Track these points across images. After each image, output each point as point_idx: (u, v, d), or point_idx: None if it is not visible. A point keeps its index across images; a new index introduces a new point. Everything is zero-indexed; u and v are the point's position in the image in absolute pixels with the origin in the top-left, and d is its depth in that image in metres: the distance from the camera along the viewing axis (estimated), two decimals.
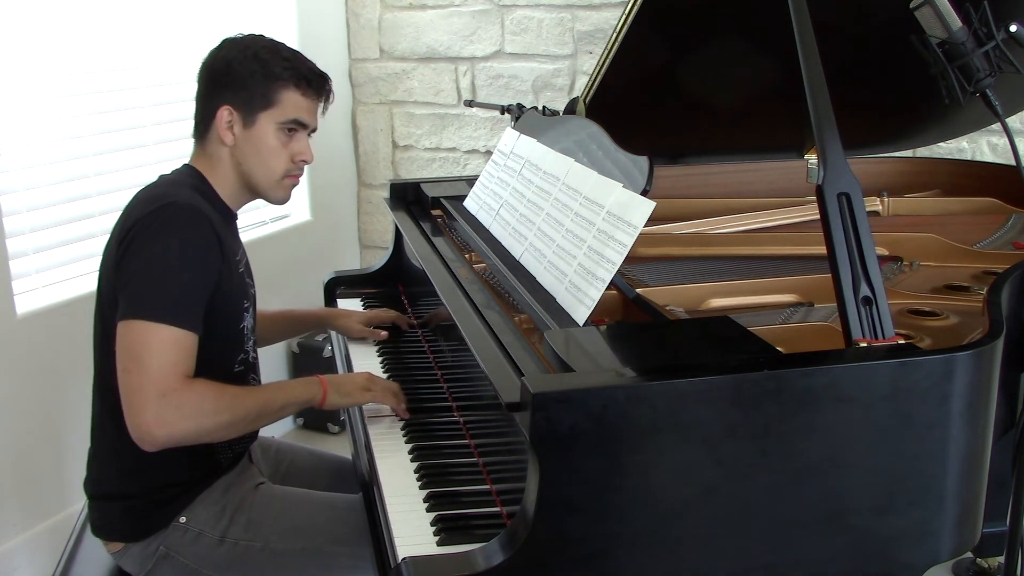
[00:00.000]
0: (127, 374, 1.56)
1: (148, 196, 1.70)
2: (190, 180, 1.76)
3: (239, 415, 1.62)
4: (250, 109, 1.73)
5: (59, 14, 2.76)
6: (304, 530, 1.73)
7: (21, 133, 2.66)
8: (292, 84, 1.73)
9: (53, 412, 2.66)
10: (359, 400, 1.77)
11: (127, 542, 1.74)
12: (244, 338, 1.80)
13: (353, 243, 4.12)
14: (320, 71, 1.79)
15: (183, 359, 1.58)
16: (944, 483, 1.26)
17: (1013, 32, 1.40)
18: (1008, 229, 2.16)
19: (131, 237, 1.62)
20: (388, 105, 3.94)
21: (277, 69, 1.72)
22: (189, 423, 1.55)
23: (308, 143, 1.81)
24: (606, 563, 1.20)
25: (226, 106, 1.72)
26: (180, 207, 1.64)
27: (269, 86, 1.72)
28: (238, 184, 1.79)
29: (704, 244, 2.09)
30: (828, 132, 1.36)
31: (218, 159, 1.77)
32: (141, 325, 1.56)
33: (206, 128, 1.76)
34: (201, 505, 1.74)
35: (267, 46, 1.76)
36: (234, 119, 1.73)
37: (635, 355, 1.34)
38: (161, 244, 1.61)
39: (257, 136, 1.74)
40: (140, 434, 1.54)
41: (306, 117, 1.77)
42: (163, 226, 1.62)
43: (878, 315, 1.31)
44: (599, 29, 3.43)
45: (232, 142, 1.74)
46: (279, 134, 1.75)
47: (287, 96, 1.73)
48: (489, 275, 1.88)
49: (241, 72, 1.72)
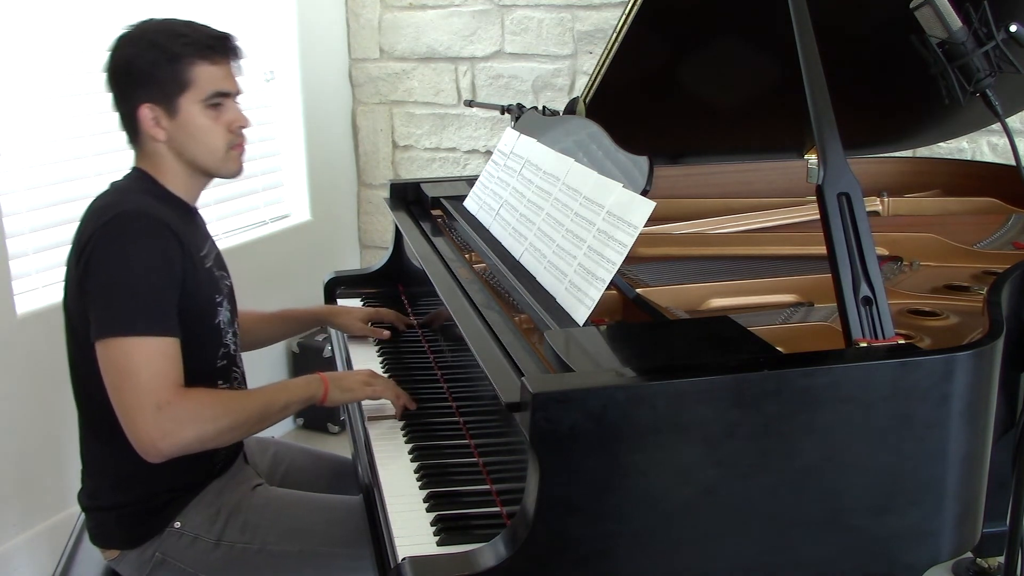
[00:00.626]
0: (119, 392, 1.55)
1: (99, 208, 1.68)
2: (139, 184, 1.73)
3: (240, 419, 1.61)
4: (168, 98, 1.68)
5: (59, 14, 2.76)
6: (301, 532, 1.72)
7: (21, 133, 2.66)
8: (198, 58, 1.67)
9: (53, 412, 2.65)
10: (361, 394, 1.76)
11: (123, 549, 1.73)
12: (221, 332, 1.77)
13: (353, 243, 4.12)
14: (220, 33, 1.73)
15: (172, 367, 1.57)
16: (944, 483, 1.26)
17: (1013, 32, 1.40)
18: (1008, 229, 2.16)
19: (88, 253, 1.60)
20: (388, 105, 3.94)
21: (177, 48, 1.66)
22: (189, 432, 1.54)
23: (238, 108, 1.76)
24: (606, 563, 1.20)
25: (144, 104, 1.68)
26: (131, 215, 1.61)
27: (177, 69, 1.66)
28: (187, 173, 1.75)
29: (704, 244, 2.09)
30: (828, 132, 1.36)
31: (159, 156, 1.73)
32: (121, 342, 1.55)
33: (135, 132, 1.72)
34: (195, 509, 1.73)
35: (159, 29, 1.69)
36: (157, 114, 1.68)
37: (635, 355, 1.34)
38: (120, 256, 1.58)
39: (186, 121, 1.69)
40: (144, 448, 1.54)
41: (225, 85, 1.72)
42: (118, 237, 1.59)
43: (878, 315, 1.31)
44: (599, 29, 3.44)
45: (164, 137, 1.70)
46: (206, 112, 1.70)
47: (199, 71, 1.68)
48: (489, 275, 1.88)
49: (143, 66, 1.66)
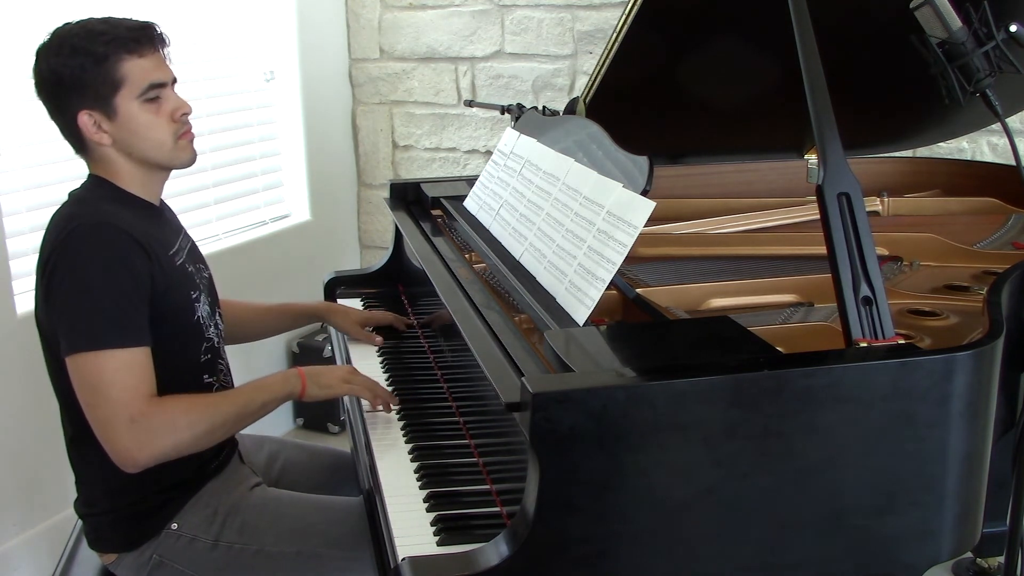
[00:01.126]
0: (92, 409, 1.56)
1: (57, 221, 1.66)
2: (97, 192, 1.71)
3: (216, 422, 1.61)
4: (104, 101, 1.64)
5: (59, 14, 2.75)
6: (299, 533, 1.72)
7: (21, 133, 2.66)
8: (124, 53, 1.63)
9: (53, 412, 2.64)
10: (338, 391, 1.75)
11: (120, 552, 1.73)
12: (203, 327, 1.76)
13: (353, 243, 4.12)
14: (140, 23, 1.69)
15: (142, 378, 1.57)
16: (944, 483, 1.26)
17: (1013, 32, 1.40)
18: (1008, 229, 2.16)
19: (50, 269, 1.59)
20: (388, 105, 3.94)
21: (101, 48, 1.62)
22: (166, 441, 1.56)
23: (177, 96, 1.72)
24: (606, 563, 1.20)
25: (81, 112, 1.65)
26: (87, 226, 1.60)
27: (105, 69, 1.63)
28: (142, 171, 1.72)
29: (704, 244, 2.09)
30: (828, 132, 1.36)
31: (110, 160, 1.70)
32: (89, 357, 1.54)
33: (79, 140, 1.70)
34: (192, 510, 1.73)
35: (77, 33, 1.65)
36: (96, 118, 1.65)
37: (635, 355, 1.34)
38: (80, 270, 1.57)
39: (126, 120, 1.66)
40: (122, 461, 1.56)
41: (157, 76, 1.67)
42: (77, 251, 1.58)
43: (878, 315, 1.31)
44: (599, 29, 3.43)
45: (109, 140, 1.67)
46: (145, 106, 1.66)
47: (127, 67, 1.64)
48: (489, 275, 1.88)
49: (70, 73, 1.63)
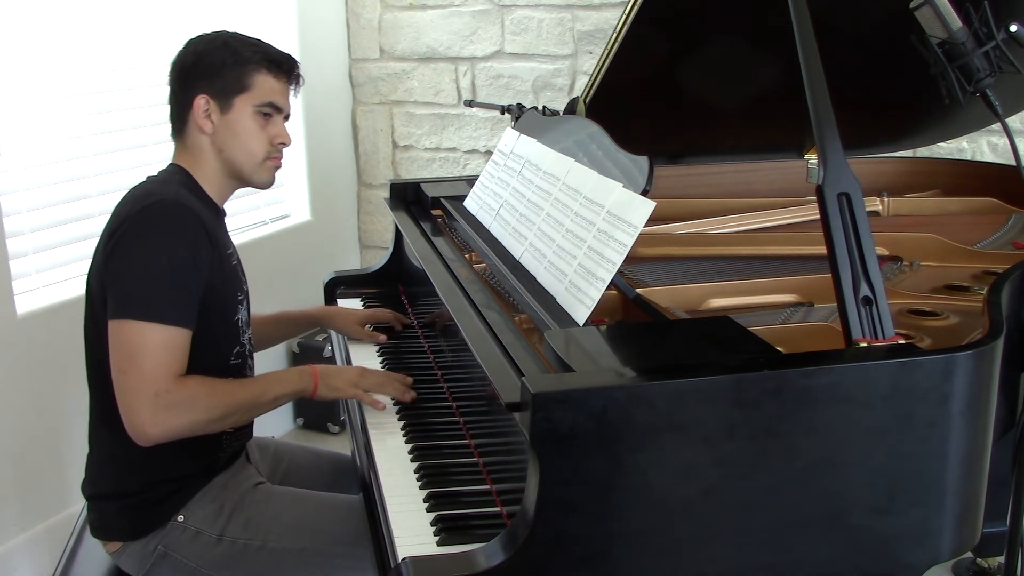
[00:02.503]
0: (122, 375, 1.59)
1: (136, 195, 1.73)
2: (177, 178, 1.78)
3: (231, 409, 1.66)
4: (225, 95, 1.75)
5: (59, 14, 2.76)
6: (303, 530, 1.73)
7: (21, 133, 2.66)
8: (264, 67, 1.77)
9: (53, 412, 2.66)
10: (345, 395, 1.79)
11: (125, 541, 1.74)
12: (240, 331, 1.81)
13: (353, 243, 4.12)
14: (288, 54, 1.83)
15: (176, 358, 1.61)
16: (944, 483, 1.26)
17: (1013, 32, 1.40)
18: (1008, 229, 2.16)
19: (120, 235, 1.64)
20: (388, 105, 3.94)
21: (247, 53, 1.76)
22: (183, 419, 1.59)
23: (284, 126, 1.84)
24: (606, 563, 1.20)
25: (202, 95, 1.75)
26: (167, 203, 1.66)
27: (241, 70, 1.75)
28: (222, 172, 1.80)
29: (704, 244, 2.09)
30: (828, 132, 1.36)
31: (199, 150, 1.79)
32: (134, 325, 1.58)
33: (183, 122, 1.79)
34: (199, 504, 1.74)
35: (234, 35, 1.79)
36: (211, 107, 1.75)
37: (635, 355, 1.34)
38: (150, 241, 1.63)
39: (235, 120, 1.76)
40: (135, 432, 1.59)
41: (280, 100, 1.80)
42: (151, 223, 1.64)
43: (878, 315, 1.31)
44: (599, 29, 3.43)
45: (211, 130, 1.76)
46: (256, 117, 1.77)
47: (260, 79, 1.77)
48: (489, 275, 1.87)
49: (212, 61, 1.75)
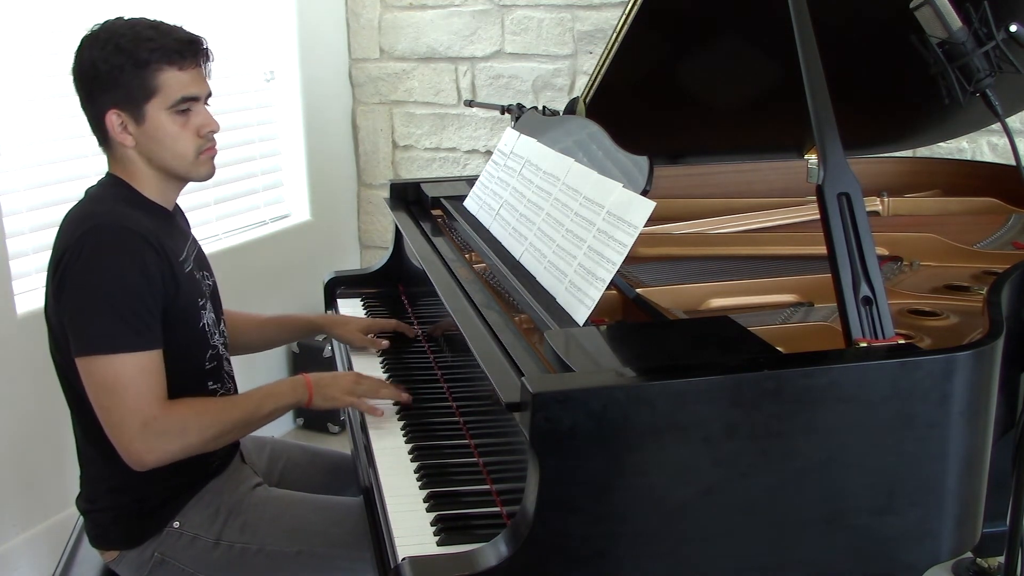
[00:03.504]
0: (106, 412, 1.57)
1: (72, 219, 1.66)
2: (113, 191, 1.70)
3: (225, 428, 1.64)
4: (135, 105, 1.64)
5: (58, 14, 2.75)
6: (300, 533, 1.72)
7: (21, 133, 2.66)
8: (165, 63, 1.63)
9: (53, 412, 2.64)
10: (342, 404, 1.76)
11: (122, 550, 1.73)
12: (207, 335, 1.77)
13: (353, 243, 4.12)
14: (189, 36, 1.68)
15: (155, 381, 1.58)
16: (944, 483, 1.26)
17: (1013, 32, 1.40)
18: (1008, 229, 2.16)
19: (64, 267, 1.58)
20: (388, 105, 3.94)
21: (144, 54, 1.61)
22: (175, 444, 1.58)
23: (207, 112, 1.71)
24: (606, 563, 1.20)
25: (111, 110, 1.64)
26: (104, 228, 1.59)
27: (143, 75, 1.62)
28: (159, 178, 1.71)
29: (704, 244, 2.09)
30: (828, 132, 1.36)
31: (129, 161, 1.70)
32: (103, 360, 1.55)
33: (103, 136, 1.69)
34: (194, 509, 1.73)
35: (125, 33, 1.63)
36: (124, 119, 1.65)
37: (635, 355, 1.34)
38: (96, 271, 1.57)
39: (153, 128, 1.65)
40: (132, 462, 1.58)
41: (193, 90, 1.67)
42: (93, 252, 1.57)
43: (878, 315, 1.31)
44: (599, 29, 3.43)
45: (132, 143, 1.67)
46: (174, 118, 1.66)
47: (165, 78, 1.63)
48: (489, 275, 1.87)
49: (109, 70, 1.61)
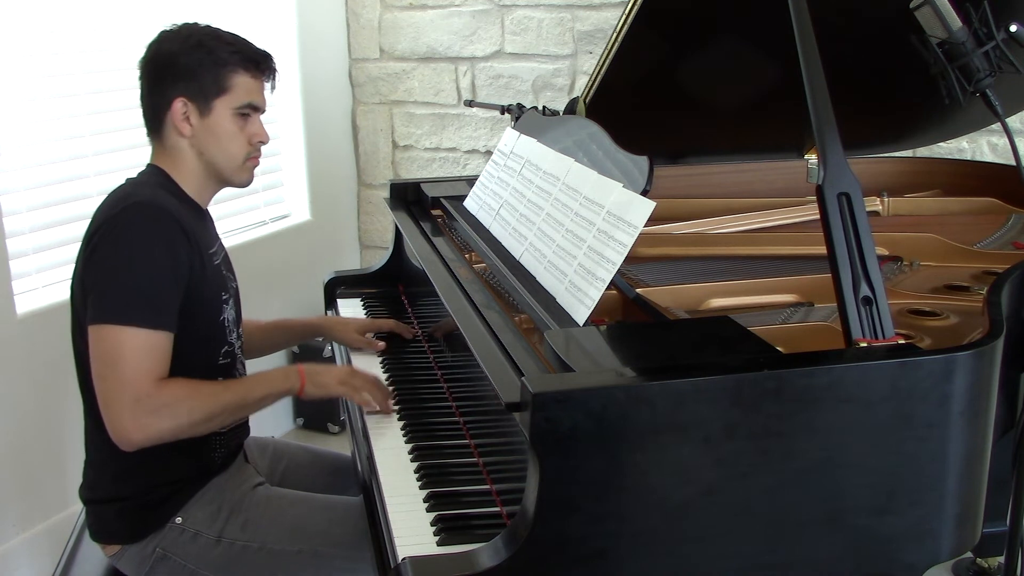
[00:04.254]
0: (102, 380, 1.58)
1: (114, 198, 1.71)
2: (155, 179, 1.76)
3: (215, 411, 1.64)
4: (204, 98, 1.72)
5: (58, 14, 2.75)
6: (301, 532, 1.73)
7: (21, 133, 2.66)
8: (241, 68, 1.73)
9: (53, 412, 2.65)
10: (334, 393, 1.78)
11: (123, 544, 1.73)
12: (226, 331, 1.79)
13: (353, 243, 4.12)
14: (264, 51, 1.79)
15: (157, 361, 1.59)
16: (944, 483, 1.26)
17: (1013, 32, 1.40)
18: (1008, 229, 2.16)
19: (97, 239, 1.62)
20: (388, 105, 3.94)
21: (224, 55, 1.72)
22: (165, 424, 1.58)
23: (262, 124, 1.81)
24: (606, 563, 1.20)
25: (180, 98, 1.71)
26: (143, 205, 1.64)
27: (220, 72, 1.72)
28: (202, 174, 1.78)
29: (704, 244, 2.09)
30: (828, 132, 1.36)
31: (178, 152, 1.76)
32: (113, 330, 1.57)
33: (160, 123, 1.75)
34: (197, 505, 1.74)
35: (208, 32, 1.74)
36: (189, 110, 1.72)
37: (635, 355, 1.34)
38: (127, 244, 1.61)
39: (214, 123, 1.73)
40: (118, 438, 1.58)
41: (258, 99, 1.77)
42: (128, 226, 1.62)
43: (878, 315, 1.31)
44: (599, 29, 3.43)
45: (190, 133, 1.73)
46: (235, 119, 1.74)
47: (239, 80, 1.73)
48: (489, 275, 1.87)
49: (189, 62, 1.71)
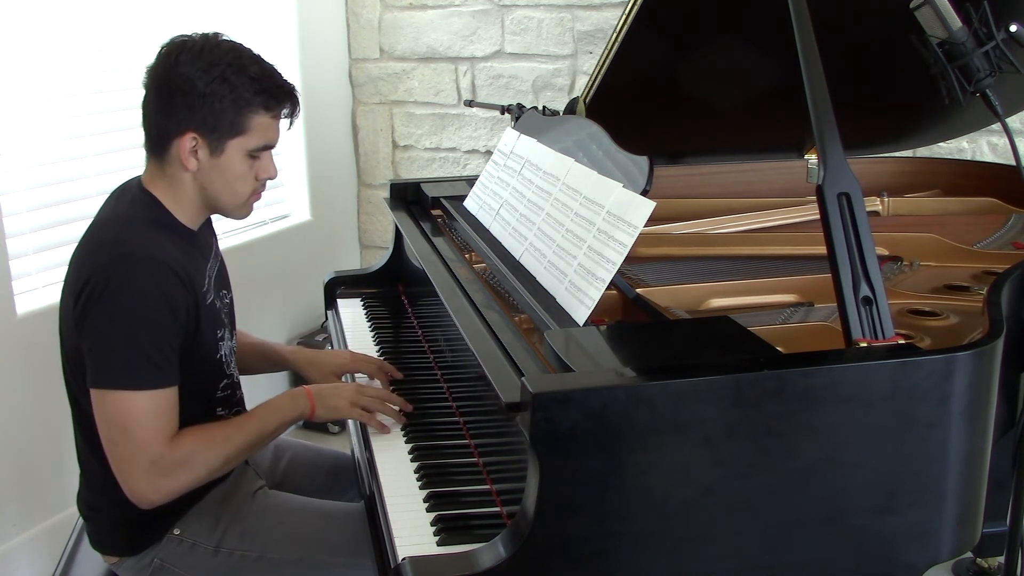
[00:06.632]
0: (114, 446, 1.55)
1: (101, 242, 1.62)
2: (144, 213, 1.66)
3: (231, 454, 1.63)
4: (218, 137, 1.61)
5: (58, 14, 2.75)
6: (300, 539, 1.72)
7: (21, 133, 2.66)
8: (263, 108, 1.63)
9: (53, 412, 2.65)
10: (345, 415, 1.74)
11: (122, 556, 1.73)
12: (224, 365, 1.76)
13: (353, 243, 4.12)
14: (288, 86, 1.68)
15: (167, 420, 1.56)
16: (944, 483, 1.27)
17: (1013, 32, 1.40)
18: (1008, 229, 2.16)
19: (88, 296, 1.54)
20: (388, 105, 3.94)
21: (248, 94, 1.60)
22: (182, 480, 1.57)
23: (272, 159, 1.71)
24: (606, 563, 1.20)
25: (192, 132, 1.61)
26: (136, 260, 1.55)
27: (240, 112, 1.61)
28: (199, 204, 1.70)
29: (704, 244, 2.09)
30: (828, 132, 1.36)
31: (178, 182, 1.66)
32: (118, 395, 1.53)
33: (164, 149, 1.65)
34: (195, 516, 1.73)
35: (232, 64, 1.61)
36: (199, 145, 1.61)
37: (635, 355, 1.34)
38: (123, 303, 1.53)
39: (224, 164, 1.64)
40: (136, 500, 1.56)
41: (274, 139, 1.68)
42: (122, 284, 1.53)
43: (878, 315, 1.31)
44: (599, 29, 3.44)
45: (196, 168, 1.63)
46: (246, 160, 1.65)
47: (258, 122, 1.63)
48: (489, 275, 1.87)
49: (208, 96, 1.59)
